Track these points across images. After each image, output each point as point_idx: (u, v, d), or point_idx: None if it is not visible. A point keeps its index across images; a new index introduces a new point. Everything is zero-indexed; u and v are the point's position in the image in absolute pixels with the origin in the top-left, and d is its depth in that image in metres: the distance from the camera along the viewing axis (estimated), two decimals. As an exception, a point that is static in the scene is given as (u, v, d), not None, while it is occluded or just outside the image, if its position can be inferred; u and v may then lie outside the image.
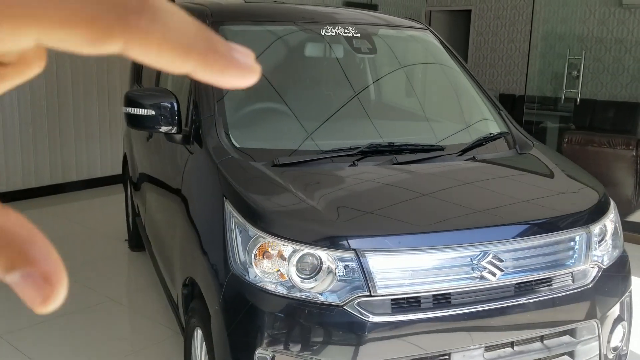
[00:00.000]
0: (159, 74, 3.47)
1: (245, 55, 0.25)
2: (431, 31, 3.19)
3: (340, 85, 2.88)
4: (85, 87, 6.26)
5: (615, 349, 2.20)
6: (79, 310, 3.44)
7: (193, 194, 2.32)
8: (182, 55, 0.23)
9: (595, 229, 2.10)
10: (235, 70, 0.25)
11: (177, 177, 2.54)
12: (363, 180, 2.14)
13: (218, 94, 2.43)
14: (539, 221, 2.01)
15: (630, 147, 4.98)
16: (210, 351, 2.00)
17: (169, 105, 2.43)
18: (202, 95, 2.42)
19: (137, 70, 4.29)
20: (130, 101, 2.45)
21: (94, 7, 0.22)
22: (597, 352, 2.11)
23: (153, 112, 2.43)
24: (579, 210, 2.11)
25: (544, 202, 2.15)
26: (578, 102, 7.07)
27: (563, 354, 2.06)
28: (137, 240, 4.41)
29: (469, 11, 9.87)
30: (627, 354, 2.30)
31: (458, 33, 10.18)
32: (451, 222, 1.93)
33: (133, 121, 2.47)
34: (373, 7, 9.25)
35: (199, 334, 2.24)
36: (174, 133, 2.47)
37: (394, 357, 1.79)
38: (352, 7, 8.86)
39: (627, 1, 8.01)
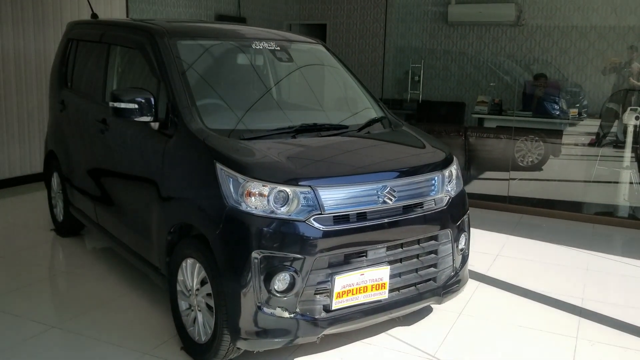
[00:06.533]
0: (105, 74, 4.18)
1: None
2: (323, 44, 4.32)
3: (271, 85, 3.91)
4: (4, 90, 6.58)
5: (461, 250, 3.46)
6: (25, 285, 4.13)
7: (179, 165, 3.18)
8: None
9: (446, 172, 3.35)
10: None
11: (156, 156, 3.36)
12: (304, 145, 3.21)
13: (189, 92, 3.32)
14: (415, 167, 3.21)
15: (460, 134, 6.56)
16: (207, 268, 2.90)
17: (147, 100, 3.29)
18: (178, 92, 3.29)
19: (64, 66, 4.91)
20: (115, 97, 3.29)
21: None
22: (451, 251, 3.35)
23: (135, 106, 3.28)
24: (437, 160, 3.36)
25: (416, 157, 3.38)
26: (420, 102, 8.70)
27: (431, 252, 3.26)
28: (68, 227, 5.03)
29: (325, 25, 11.27)
30: (468, 254, 3.59)
31: (315, 44, 11.50)
32: (365, 168, 3.06)
33: (118, 113, 3.29)
34: (242, 20, 10.26)
35: (188, 263, 3.12)
36: (151, 121, 3.33)
37: (335, 250, 2.85)
38: (224, 20, 9.82)
39: (452, 19, 9.87)
